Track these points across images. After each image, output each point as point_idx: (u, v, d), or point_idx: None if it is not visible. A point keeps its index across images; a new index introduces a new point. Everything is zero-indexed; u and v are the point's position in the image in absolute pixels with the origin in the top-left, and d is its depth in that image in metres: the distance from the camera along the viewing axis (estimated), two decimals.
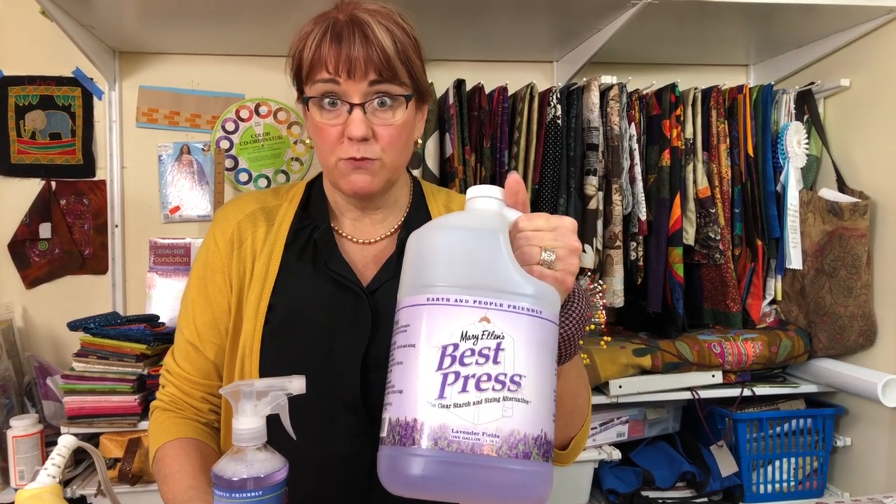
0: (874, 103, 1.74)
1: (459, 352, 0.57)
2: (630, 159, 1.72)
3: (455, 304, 0.58)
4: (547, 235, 0.67)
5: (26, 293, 1.89)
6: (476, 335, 0.57)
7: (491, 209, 0.66)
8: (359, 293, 0.91)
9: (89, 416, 1.55)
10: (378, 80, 0.85)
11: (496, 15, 1.64)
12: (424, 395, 0.56)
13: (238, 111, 1.95)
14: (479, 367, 0.57)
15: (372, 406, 0.89)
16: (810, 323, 1.78)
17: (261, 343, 0.90)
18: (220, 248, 0.95)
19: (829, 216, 1.74)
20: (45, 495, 0.74)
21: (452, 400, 0.56)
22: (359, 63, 0.84)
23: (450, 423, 0.55)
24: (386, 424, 0.59)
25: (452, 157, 1.66)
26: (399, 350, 0.60)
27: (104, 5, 1.55)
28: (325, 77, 0.85)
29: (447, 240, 0.61)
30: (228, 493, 0.63)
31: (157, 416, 0.98)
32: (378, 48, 0.84)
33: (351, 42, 0.84)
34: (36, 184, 1.88)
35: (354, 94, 0.85)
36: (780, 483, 1.78)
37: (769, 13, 1.63)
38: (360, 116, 0.85)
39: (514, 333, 0.58)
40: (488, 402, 0.56)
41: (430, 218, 0.99)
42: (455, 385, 0.56)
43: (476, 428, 0.55)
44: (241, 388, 0.66)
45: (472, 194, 0.67)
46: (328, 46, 0.85)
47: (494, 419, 0.56)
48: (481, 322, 0.58)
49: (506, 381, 0.57)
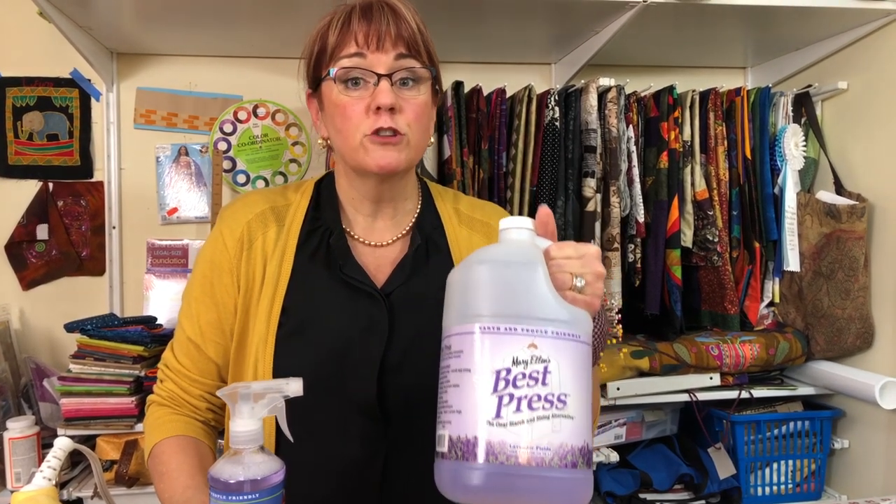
0: (871, 106, 1.75)
1: (512, 375, 0.64)
2: (628, 161, 1.72)
3: (505, 333, 0.65)
4: (576, 263, 0.71)
5: (23, 294, 1.88)
6: (526, 360, 0.64)
7: (525, 240, 0.72)
8: (375, 296, 0.90)
9: (86, 418, 1.54)
10: (405, 53, 0.86)
11: (495, 17, 1.65)
12: (483, 415, 0.63)
13: (236, 112, 1.95)
14: (529, 388, 0.64)
15: (387, 409, 0.88)
16: (808, 325, 1.78)
17: (274, 347, 0.89)
18: (229, 247, 0.93)
19: (827, 218, 1.74)
20: (41, 498, 0.74)
21: (508, 419, 0.63)
22: (388, 34, 0.85)
23: (507, 440, 0.62)
24: (446, 441, 0.65)
25: (450, 159, 1.66)
26: (453, 373, 0.67)
27: (102, 7, 1.55)
28: (352, 51, 0.86)
29: (494, 274, 0.68)
30: (225, 496, 0.63)
31: (153, 410, 0.96)
32: (406, 23, 0.87)
33: (381, 16, 0.86)
34: (33, 185, 1.88)
35: (381, 66, 0.86)
36: (778, 485, 1.78)
37: (767, 16, 1.64)
38: (388, 86, 0.85)
39: (558, 357, 0.65)
40: (540, 420, 0.63)
41: (439, 219, 0.99)
42: (510, 405, 0.63)
43: (531, 443, 0.63)
44: (239, 390, 0.66)
45: (505, 225, 0.73)
46: (357, 22, 0.86)
47: (546, 434, 0.63)
48: (529, 348, 0.65)
49: (553, 400, 0.64)
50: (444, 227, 0.99)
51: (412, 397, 0.88)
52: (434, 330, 0.88)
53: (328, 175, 1.01)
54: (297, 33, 1.70)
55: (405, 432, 0.90)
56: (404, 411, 0.89)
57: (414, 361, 0.89)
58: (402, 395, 0.89)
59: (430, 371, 0.87)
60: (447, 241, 0.97)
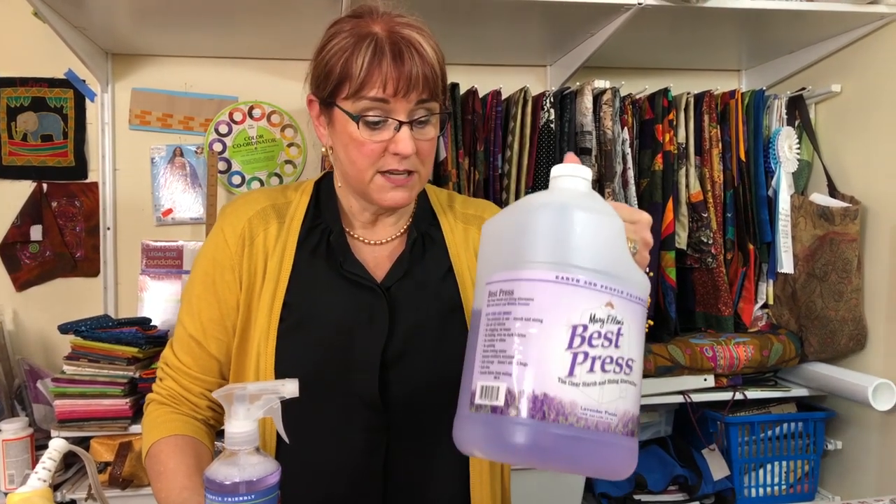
0: (865, 109, 1.76)
1: (588, 333, 0.60)
2: (623, 163, 1.73)
3: (585, 287, 0.61)
4: (629, 227, 0.68)
5: (16, 296, 1.87)
6: (603, 319, 0.61)
7: (586, 192, 0.67)
8: (375, 290, 0.92)
9: (80, 420, 1.54)
10: (425, 99, 0.87)
11: (490, 19, 1.65)
12: (555, 371, 0.59)
13: (231, 114, 1.94)
14: (604, 349, 0.60)
15: (389, 401, 0.90)
16: (801, 327, 1.79)
17: (276, 342, 0.90)
18: (230, 244, 0.94)
19: (820, 221, 1.75)
20: (36, 499, 0.74)
21: (582, 379, 0.59)
22: (416, 81, 0.85)
23: (579, 401, 0.59)
24: (501, 393, 0.60)
25: (446, 161, 1.66)
26: (517, 322, 0.61)
27: (97, 7, 1.54)
28: (378, 95, 0.85)
29: (583, 220, 0.63)
30: (220, 497, 0.63)
31: (152, 409, 0.96)
32: (430, 66, 0.86)
33: (412, 61, 0.85)
34: (27, 186, 1.88)
35: (402, 112, 0.86)
36: (772, 486, 1.78)
37: (761, 19, 1.65)
38: (409, 134, 0.86)
39: (630, 320, 0.62)
40: (611, 384, 0.60)
41: (434, 216, 1.01)
42: (584, 364, 0.60)
43: (600, 406, 0.60)
44: (234, 391, 0.66)
45: (563, 172, 0.68)
46: (388, 64, 0.84)
47: (614, 399, 0.60)
48: (607, 307, 0.61)
49: (623, 364, 0.61)
50: (439, 222, 1.00)
51: (413, 389, 0.90)
52: (434, 321, 0.88)
53: (327, 176, 1.02)
54: (293, 34, 1.72)
55: (407, 422, 0.91)
56: (406, 402, 0.91)
57: (414, 353, 0.91)
58: (404, 388, 0.90)
59: (430, 362, 0.90)
60: (443, 235, 0.99)
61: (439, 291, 0.94)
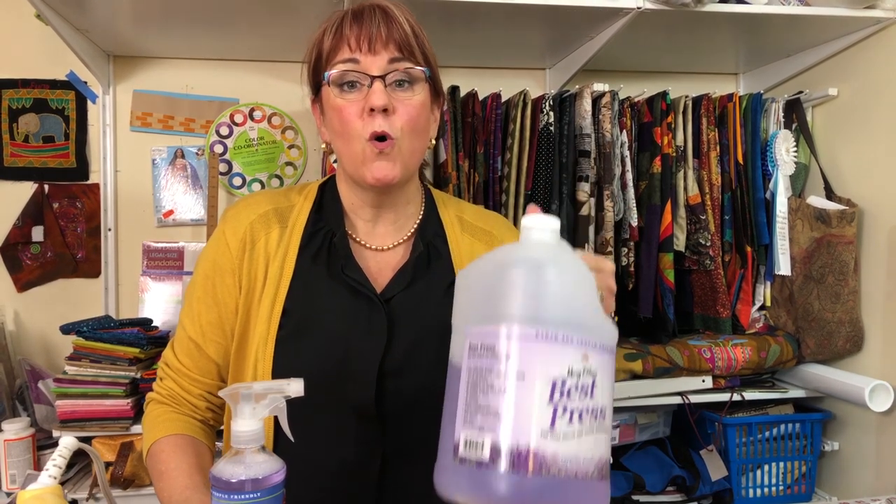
0: (861, 112, 1.77)
1: (567, 387, 0.62)
2: (621, 166, 1.74)
3: (563, 342, 0.63)
4: (596, 276, 0.69)
5: (18, 297, 1.88)
6: (580, 372, 0.63)
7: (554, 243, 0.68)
8: (374, 300, 0.91)
9: (81, 420, 1.54)
10: (398, 57, 0.88)
11: (490, 22, 1.66)
12: (538, 425, 0.61)
13: (232, 115, 1.95)
14: (580, 401, 0.63)
15: (385, 414, 0.89)
16: (799, 328, 1.80)
17: (274, 348, 0.90)
18: (231, 248, 0.94)
19: (817, 223, 1.76)
20: (47, 496, 0.75)
21: (562, 430, 0.61)
22: (380, 37, 0.87)
23: (560, 453, 0.61)
24: (486, 447, 0.62)
25: (446, 163, 1.67)
26: (499, 376, 0.63)
27: (99, 9, 1.55)
28: (346, 56, 0.87)
29: (558, 276, 0.65)
30: (227, 495, 0.64)
31: (152, 408, 0.97)
32: (398, 26, 0.88)
33: (372, 20, 0.87)
34: (28, 187, 1.88)
35: (374, 69, 0.87)
36: (769, 487, 1.79)
37: (758, 23, 1.66)
38: (381, 87, 0.87)
39: (602, 370, 0.65)
40: (587, 434, 0.63)
41: (441, 226, 1.00)
42: (564, 417, 0.62)
43: (578, 455, 0.62)
44: (240, 390, 0.67)
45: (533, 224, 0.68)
46: (349, 26, 0.88)
47: (590, 448, 0.63)
48: (583, 360, 0.63)
49: (598, 413, 0.64)
50: (446, 234, 0.99)
51: (410, 402, 0.89)
52: (434, 336, 0.86)
53: (331, 178, 1.02)
54: (293, 37, 1.72)
55: (402, 436, 0.90)
56: (402, 415, 0.90)
57: (413, 366, 0.90)
58: (401, 400, 0.89)
59: (428, 376, 0.87)
60: (449, 249, 0.98)
61: (441, 307, 0.91)
